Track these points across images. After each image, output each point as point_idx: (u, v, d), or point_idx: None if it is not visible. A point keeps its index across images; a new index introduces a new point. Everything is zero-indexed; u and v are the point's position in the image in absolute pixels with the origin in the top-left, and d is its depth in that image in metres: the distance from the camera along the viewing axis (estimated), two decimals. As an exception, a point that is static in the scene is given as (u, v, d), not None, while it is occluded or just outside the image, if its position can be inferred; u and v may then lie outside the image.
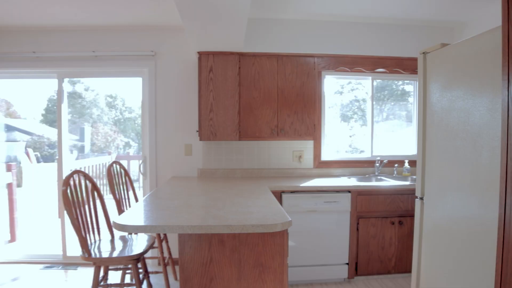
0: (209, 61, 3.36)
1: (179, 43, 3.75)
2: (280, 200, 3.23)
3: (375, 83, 4.13)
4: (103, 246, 2.39)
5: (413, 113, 4.28)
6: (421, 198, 2.49)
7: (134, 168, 7.50)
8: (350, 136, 4.13)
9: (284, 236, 1.99)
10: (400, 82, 4.14)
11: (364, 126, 4.16)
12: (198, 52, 3.34)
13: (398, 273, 3.46)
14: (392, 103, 4.15)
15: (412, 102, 4.29)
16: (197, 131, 3.56)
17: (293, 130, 3.60)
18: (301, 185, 3.29)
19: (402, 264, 3.46)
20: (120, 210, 2.77)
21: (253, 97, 3.51)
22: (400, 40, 3.75)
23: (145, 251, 2.30)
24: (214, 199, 2.53)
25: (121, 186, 2.98)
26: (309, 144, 4.00)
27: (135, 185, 7.14)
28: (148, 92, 3.76)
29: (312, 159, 4.01)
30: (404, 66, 3.76)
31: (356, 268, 3.38)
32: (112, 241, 2.51)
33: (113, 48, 3.69)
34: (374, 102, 4.16)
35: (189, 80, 3.77)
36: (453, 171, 2.11)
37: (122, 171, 3.13)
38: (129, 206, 3.01)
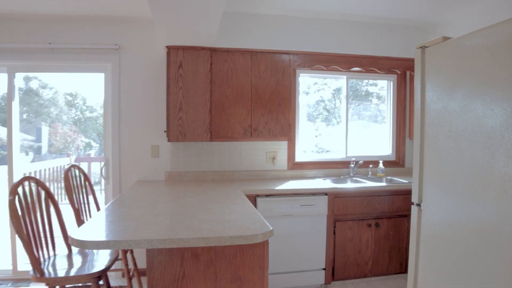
0: (178, 56, 3.13)
1: (146, 37, 3.49)
2: (254, 204, 3.05)
3: (342, 84, 4.05)
4: (59, 262, 2.11)
5: (388, 113, 4.24)
6: (418, 205, 2.30)
7: (96, 170, 7.08)
8: (316, 136, 4.02)
9: (265, 247, 1.82)
10: (364, 83, 4.08)
11: (330, 126, 4.06)
12: (167, 47, 3.10)
13: (374, 276, 3.38)
14: (357, 104, 4.08)
15: (377, 103, 4.25)
16: (165, 131, 3.32)
17: (267, 130, 3.43)
18: (277, 188, 3.13)
19: (379, 267, 3.38)
20: (80, 221, 2.49)
21: (226, 95, 3.32)
22: (376, 39, 3.68)
23: (108, 267, 2.05)
24: (185, 205, 2.32)
25: (81, 193, 2.70)
26: (283, 145, 3.85)
27: (97, 188, 6.73)
28: (111, 89, 3.47)
29: (286, 160, 3.87)
30: (379, 65, 3.69)
31: (333, 273, 3.27)
32: (70, 256, 2.24)
33: (72, 40, 3.37)
34: (342, 102, 4.07)
35: (157, 76, 3.52)
36: (457, 175, 1.94)
37: (82, 175, 2.84)
38: (90, 216, 2.73)
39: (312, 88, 3.94)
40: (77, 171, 2.79)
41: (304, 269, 3.18)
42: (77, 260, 2.16)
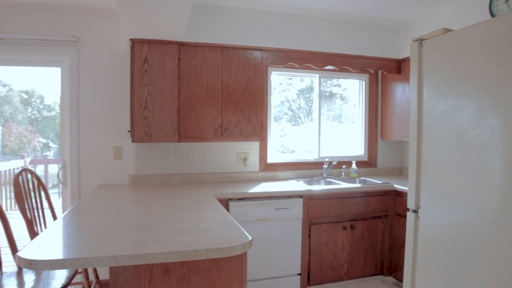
0: (143, 50, 2.89)
1: (109, 28, 3.22)
2: (227, 208, 2.88)
3: (307, 84, 3.96)
4: (7, 282, 1.84)
5: (360, 113, 4.19)
6: (415, 211, 2.16)
7: (55, 172, 6.61)
8: (282, 136, 3.91)
9: (243, 258, 1.66)
10: (329, 84, 4.01)
11: (295, 127, 3.96)
12: (131, 40, 2.86)
13: (350, 279, 3.31)
14: (321, 104, 4.01)
15: (341, 103, 4.20)
16: (128, 131, 3.07)
17: (239, 130, 3.27)
18: (250, 191, 2.97)
19: (354, 270, 3.31)
20: (33, 233, 2.21)
21: (195, 93, 3.12)
22: (350, 37, 3.61)
23: (66, 285, 1.81)
24: (153, 213, 2.11)
25: (34, 201, 2.41)
26: (255, 146, 3.70)
27: (55, 191, 6.28)
28: (69, 85, 3.17)
29: (258, 161, 3.72)
30: (353, 64, 3.62)
31: (309, 278, 3.16)
32: (20, 274, 1.96)
33: (23, 30, 3.04)
34: (314, 102, 3.99)
35: (120, 72, 3.26)
36: (460, 178, 1.83)
37: (35, 181, 2.54)
38: (45, 226, 2.45)
39: (277, 89, 3.83)
40: (29, 175, 2.50)
41: (279, 275, 3.04)
42: (29, 279, 1.90)
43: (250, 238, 1.60)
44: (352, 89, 4.18)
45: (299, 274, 3.11)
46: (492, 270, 1.66)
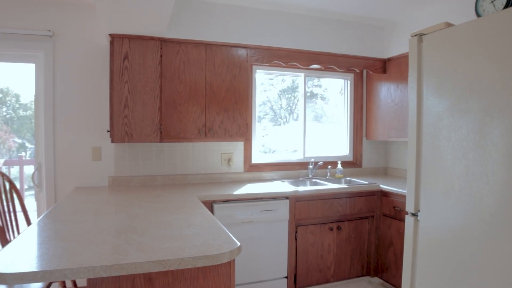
0: (124, 46, 2.76)
1: (87, 23, 3.06)
2: (211, 210, 2.79)
3: (289, 85, 3.91)
4: (-28, 293, 1.70)
5: (345, 112, 4.16)
6: (414, 214, 2.07)
7: (31, 174, 6.34)
8: (263, 136, 3.84)
9: (231, 265, 1.57)
10: (310, 84, 3.95)
11: (276, 127, 3.89)
12: (111, 35, 2.73)
13: (337, 280, 3.26)
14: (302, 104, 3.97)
15: (322, 104, 4.17)
16: (108, 131, 2.94)
17: (223, 130, 3.18)
18: (235, 192, 2.89)
19: (341, 271, 3.27)
20: (4, 240, 2.06)
21: (178, 91, 3.01)
22: (335, 36, 3.56)
23: (37, 297, 1.68)
24: (134, 217, 2.00)
25: (6, 207, 2.25)
26: (239, 146, 3.62)
27: (30, 193, 6.02)
28: (44, 82, 3.01)
29: (242, 162, 3.64)
30: (338, 63, 3.58)
31: (295, 281, 3.09)
32: (-13, 284, 1.82)
33: (-8, 24, 2.86)
34: (299, 101, 3.93)
35: (99, 69, 3.11)
36: (462, 182, 1.75)
37: (7, 184, 2.38)
38: (18, 233, 2.29)
39: (259, 88, 3.75)
40: (1, 180, 2.34)
41: (265, 278, 2.96)
42: (-3, 290, 1.76)
43: (239, 244, 1.52)
44: (333, 89, 4.13)
45: (286, 277, 3.04)
46: (495, 273, 1.61)
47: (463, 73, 1.76)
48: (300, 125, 3.96)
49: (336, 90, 4.14)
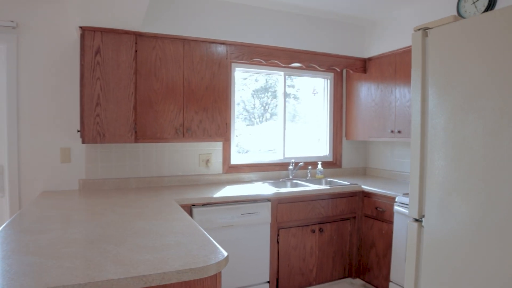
0: (95, 40, 2.58)
1: (55, 14, 2.84)
2: (190, 215, 2.65)
3: (262, 84, 3.82)
4: None
5: (325, 112, 4.10)
6: (417, 220, 1.93)
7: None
8: (237, 136, 3.73)
9: (217, 278, 1.45)
10: (282, 84, 3.87)
11: (250, 127, 3.79)
12: (81, 28, 2.53)
13: (319, 283, 3.20)
14: (275, 104, 3.87)
15: (295, 104, 4.12)
16: (78, 131, 2.74)
17: (202, 129, 3.04)
18: (215, 195, 2.76)
19: (323, 274, 3.20)
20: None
21: (154, 89, 2.85)
22: (317, 34, 3.50)
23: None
24: (108, 225, 1.83)
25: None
26: (218, 146, 3.49)
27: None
28: (7, 77, 2.76)
29: (221, 163, 3.51)
30: (319, 61, 3.52)
31: (277, 285, 3.00)
32: None
33: None
34: (279, 100, 3.85)
35: (69, 64, 2.89)
36: (472, 186, 1.64)
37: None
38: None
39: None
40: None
41: (247, 284, 2.85)
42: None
43: (226, 254, 1.40)
44: (306, 90, 4.05)
45: (268, 282, 2.94)
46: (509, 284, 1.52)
47: (473, 70, 1.64)
48: (278, 125, 3.88)
49: (309, 90, 4.06)
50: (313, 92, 4.08)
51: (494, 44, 1.55)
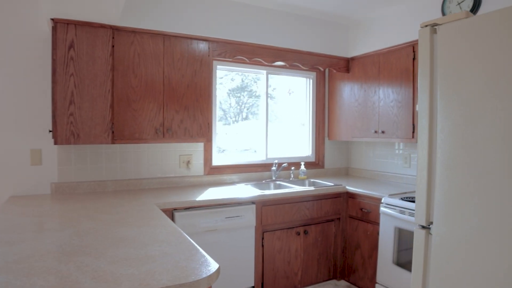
0: (69, 33, 2.40)
1: (24, 5, 2.62)
2: (172, 219, 2.52)
3: (238, 84, 3.73)
4: None
5: (307, 112, 4.04)
6: (425, 227, 1.81)
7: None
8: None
9: (208, 290, 1.34)
10: (259, 84, 3.79)
11: (226, 126, 3.69)
12: (53, 20, 2.35)
13: (304, 286, 3.14)
14: (251, 104, 3.78)
15: (271, 103, 4.06)
16: (50, 131, 2.56)
17: (183, 129, 2.91)
18: (197, 199, 2.64)
19: (308, 277, 3.14)
20: None
21: (132, 87, 2.69)
22: (300, 32, 3.43)
23: None
24: (85, 234, 1.69)
25: None
26: (199, 147, 3.36)
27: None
28: (-32, 73, 2.55)
29: (203, 164, 3.39)
30: (303, 60, 3.45)
31: (262, 291, 2.92)
32: None
33: None
34: (261, 99, 3.77)
35: (39, 58, 2.69)
36: (486, 191, 1.55)
37: None
38: None
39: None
40: None
41: (231, 290, 2.75)
42: None
43: (217, 265, 1.30)
44: (282, 89, 3.96)
45: (253, 286, 2.85)
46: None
47: (487, 69, 1.55)
48: (260, 124, 3.79)
49: (284, 89, 3.97)
50: (288, 92, 4.00)
51: (507, 43, 1.48)
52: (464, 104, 1.63)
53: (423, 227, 1.83)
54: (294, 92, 4.02)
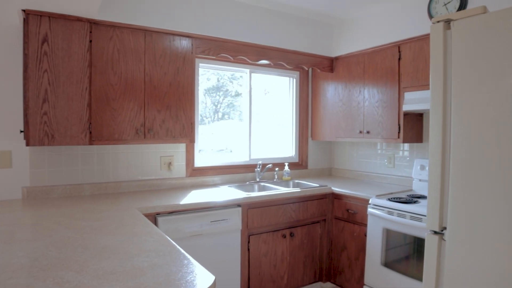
0: (42, 26, 2.23)
1: (-13, -3, 2.44)
2: (155, 224, 2.39)
3: (213, 84, 3.64)
4: None
5: (292, 112, 3.98)
6: (438, 233, 1.71)
7: None
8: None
9: (202, 304, 1.24)
10: (235, 83, 3.70)
11: (202, 126, 3.55)
12: (25, 11, 2.18)
13: (290, 291, 3.07)
14: (226, 104, 3.68)
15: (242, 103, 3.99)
16: (22, 131, 2.37)
17: (165, 130, 2.78)
18: (181, 202, 2.52)
19: (294, 280, 3.08)
20: None
21: (111, 84, 2.54)
22: (285, 30, 3.36)
23: None
24: (64, 244, 1.55)
25: None
26: (181, 148, 3.24)
27: None
28: None
29: (185, 166, 3.26)
30: (288, 59, 3.38)
31: (248, 296, 2.83)
32: None
33: None
34: (244, 99, 3.68)
35: (9, 53, 2.50)
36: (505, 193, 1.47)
37: None
38: None
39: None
40: None
41: (216, 297, 2.65)
42: None
43: (213, 277, 1.20)
44: (259, 89, 3.85)
45: (238, 293, 2.76)
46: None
47: (506, 66, 1.49)
48: (243, 125, 3.70)
49: (260, 89, 3.85)
50: (264, 92, 3.91)
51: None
52: (481, 102, 1.56)
53: (435, 232, 1.73)
54: (270, 92, 3.90)
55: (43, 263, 1.32)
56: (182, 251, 1.46)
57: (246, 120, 3.68)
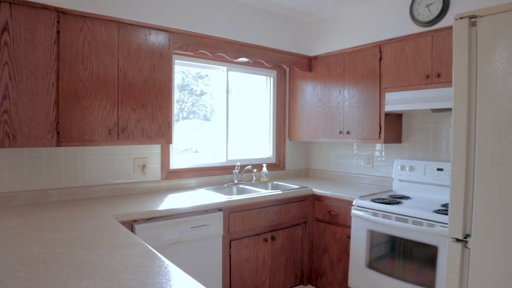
0: (2, 13, 1.99)
1: None
2: (132, 232, 2.20)
3: (178, 83, 3.50)
4: None
5: (269, 112, 3.88)
6: (460, 240, 1.62)
7: None
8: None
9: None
10: (200, 82, 3.56)
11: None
12: (-20, -4, 1.93)
13: (271, 296, 2.97)
14: (192, 103, 3.55)
15: (211, 103, 3.89)
16: (-23, 131, 2.11)
17: (140, 130, 2.59)
18: (160, 208, 2.35)
19: (275, 284, 2.98)
20: None
21: (81, 80, 2.33)
22: (264, 27, 3.25)
23: None
24: (34, 262, 1.35)
25: None
26: (156, 149, 3.05)
27: None
28: None
29: (160, 168, 3.08)
30: (267, 57, 3.28)
31: (229, 304, 2.70)
32: None
33: None
34: (221, 98, 3.54)
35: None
36: None
37: None
38: None
39: None
40: None
41: (197, 308, 2.50)
42: None
43: (216, 296, 1.07)
44: (221, 88, 3.70)
45: (220, 301, 2.62)
46: None
47: None
48: (219, 125, 3.56)
49: (223, 88, 3.69)
50: (226, 90, 3.71)
51: None
52: (509, 102, 1.48)
53: (458, 240, 1.65)
54: (232, 91, 3.70)
55: (10, 287, 1.13)
56: (174, 266, 1.32)
57: (223, 120, 3.54)
